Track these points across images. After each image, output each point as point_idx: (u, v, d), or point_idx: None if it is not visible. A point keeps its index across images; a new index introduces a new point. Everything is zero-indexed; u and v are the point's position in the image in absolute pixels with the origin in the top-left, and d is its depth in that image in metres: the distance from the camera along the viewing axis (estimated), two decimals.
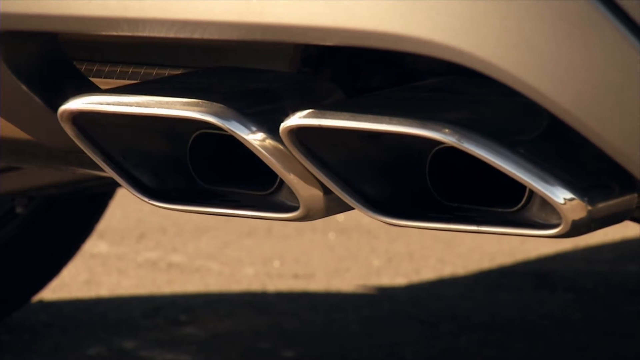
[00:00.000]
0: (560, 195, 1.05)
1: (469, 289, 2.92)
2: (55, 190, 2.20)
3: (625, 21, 0.99)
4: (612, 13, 0.99)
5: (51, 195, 2.33)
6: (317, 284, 2.95)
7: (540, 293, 2.89)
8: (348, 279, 2.99)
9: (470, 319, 2.66)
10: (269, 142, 1.13)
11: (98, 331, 2.56)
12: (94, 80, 1.30)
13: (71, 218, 2.57)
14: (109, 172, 1.22)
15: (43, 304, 2.72)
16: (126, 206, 3.52)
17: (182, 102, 1.15)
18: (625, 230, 3.26)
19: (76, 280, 2.92)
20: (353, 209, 1.15)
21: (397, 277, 3.02)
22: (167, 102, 1.15)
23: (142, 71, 1.35)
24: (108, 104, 1.18)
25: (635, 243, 3.37)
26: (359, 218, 3.45)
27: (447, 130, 1.05)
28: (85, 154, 1.21)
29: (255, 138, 1.13)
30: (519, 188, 1.10)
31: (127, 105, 1.17)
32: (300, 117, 1.10)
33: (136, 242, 3.32)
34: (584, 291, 2.90)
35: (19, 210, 2.49)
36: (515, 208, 1.12)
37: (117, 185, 1.26)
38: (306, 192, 1.15)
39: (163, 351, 2.44)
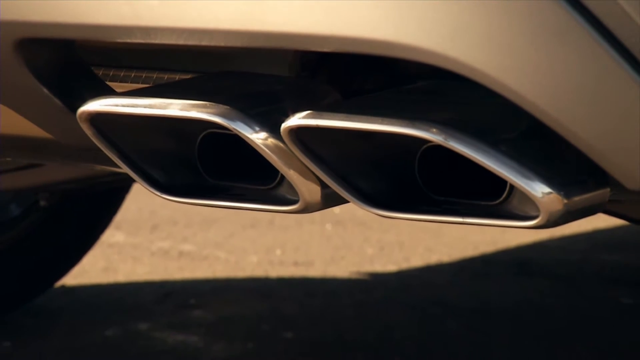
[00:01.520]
0: (538, 189, 1.04)
1: (455, 276, 2.92)
2: (75, 185, 2.20)
3: (600, 29, 0.98)
4: (587, 22, 0.98)
5: (71, 189, 2.33)
6: (315, 271, 2.95)
7: (520, 280, 2.89)
8: (343, 266, 2.99)
9: (455, 304, 2.67)
10: (271, 140, 1.12)
11: (114, 314, 2.56)
12: (110, 84, 1.29)
13: (90, 210, 2.57)
14: (124, 168, 1.21)
15: (64, 289, 2.72)
16: (140, 200, 3.52)
17: (191, 104, 1.14)
18: (597, 221, 3.26)
19: (95, 268, 2.92)
20: (348, 202, 1.15)
21: (389, 264, 3.02)
22: (177, 104, 1.15)
23: (155, 76, 1.34)
24: (123, 105, 1.17)
25: (607, 233, 3.37)
26: (353, 210, 3.44)
27: (434, 129, 1.05)
28: (102, 151, 1.21)
29: (258, 137, 1.12)
30: (500, 183, 1.10)
31: (140, 107, 1.17)
32: (299, 118, 1.10)
33: (150, 233, 3.32)
34: (560, 278, 2.90)
35: (42, 203, 2.49)
36: (497, 201, 1.12)
37: (132, 180, 1.25)
38: (305, 186, 1.15)
39: (174, 333, 2.44)
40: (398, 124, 1.06)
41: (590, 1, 0.98)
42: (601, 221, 3.25)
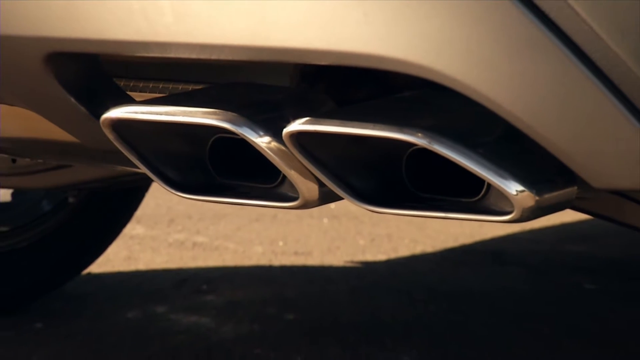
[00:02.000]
0: (513, 187, 1.04)
1: (437, 264, 2.92)
2: (99, 184, 2.20)
3: (568, 44, 0.97)
4: (557, 37, 0.97)
5: (96, 188, 2.32)
6: (314, 260, 2.94)
7: (495, 268, 2.89)
8: (338, 256, 2.99)
9: (438, 289, 2.67)
10: (274, 144, 1.11)
11: (135, 298, 2.56)
12: (130, 93, 1.28)
13: (113, 206, 2.56)
14: (142, 169, 1.21)
15: (90, 277, 2.72)
16: (158, 197, 3.54)
17: (203, 111, 1.14)
18: (564, 216, 3.26)
19: (118, 257, 2.92)
20: (343, 198, 1.14)
21: (379, 254, 3.02)
22: (190, 112, 1.14)
23: (170, 86, 1.34)
24: (142, 113, 1.16)
25: (573, 227, 3.38)
26: (347, 206, 3.45)
27: (420, 134, 1.04)
28: (123, 154, 1.20)
29: (262, 141, 1.11)
30: (479, 181, 1.09)
31: (157, 114, 1.16)
32: (299, 124, 1.09)
33: (167, 226, 3.32)
34: (530, 266, 2.90)
35: (70, 200, 2.49)
36: (476, 198, 1.11)
37: (150, 179, 1.24)
38: (304, 185, 1.14)
39: (188, 315, 2.44)
40: (387, 129, 1.05)
41: (560, 18, 0.97)
42: (568, 216, 3.25)
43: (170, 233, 3.22)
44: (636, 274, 2.83)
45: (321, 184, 1.14)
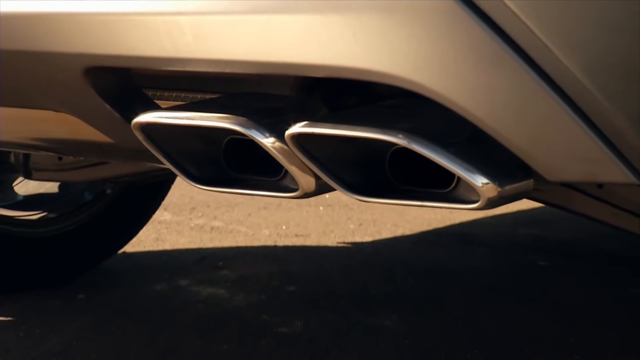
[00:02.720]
0: (479, 180, 1.03)
1: (414, 245, 2.92)
2: (132, 178, 2.19)
3: (526, 59, 0.96)
4: (515, 52, 0.96)
5: (129, 181, 2.32)
6: (311, 241, 2.94)
7: (463, 248, 2.89)
8: (332, 237, 2.99)
9: (415, 265, 2.67)
10: (277, 144, 1.10)
11: (162, 273, 2.56)
12: (156, 101, 1.27)
13: (144, 196, 2.56)
14: (167, 165, 1.20)
15: (125, 255, 2.73)
16: (182, 188, 3.54)
17: (218, 116, 1.13)
18: (521, 204, 3.26)
19: (148, 239, 2.92)
20: (335, 189, 1.13)
21: (365, 236, 3.02)
22: (207, 117, 1.13)
23: (190, 95, 1.33)
24: (167, 117, 1.15)
25: (528, 213, 3.38)
26: (339, 196, 3.44)
27: (400, 135, 1.03)
28: (151, 152, 1.19)
29: (267, 141, 1.10)
30: (450, 175, 1.08)
31: (180, 118, 1.15)
32: (299, 127, 1.08)
33: (189, 213, 3.32)
34: (492, 246, 2.90)
35: (108, 191, 2.49)
36: (447, 189, 1.10)
37: (174, 174, 1.23)
38: (303, 178, 1.13)
39: (206, 287, 2.44)
40: (373, 131, 1.04)
41: (518, 37, 0.96)
42: (524, 204, 3.25)
43: (192, 219, 3.22)
44: (581, 254, 2.83)
45: (317, 178, 1.13)
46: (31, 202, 2.45)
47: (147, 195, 2.54)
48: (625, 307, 2.30)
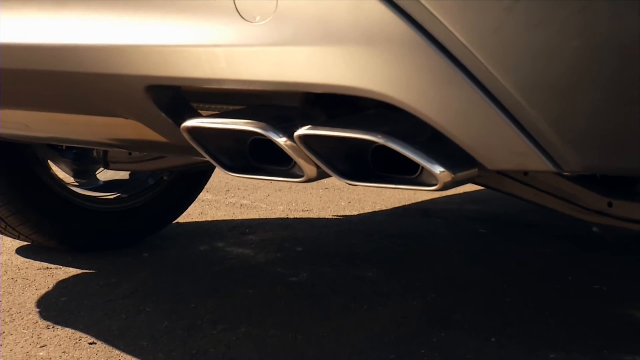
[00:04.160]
0: (437, 169, 1.01)
1: (388, 217, 2.91)
2: (183, 168, 2.18)
3: (470, 77, 0.94)
4: (464, 74, 0.94)
5: (181, 170, 2.31)
6: (313, 214, 2.94)
7: (423, 219, 2.88)
8: (329, 212, 2.98)
9: (389, 231, 2.66)
10: (289, 142, 1.09)
11: (205, 238, 2.55)
12: (199, 111, 1.26)
13: (192, 181, 2.55)
14: (207, 158, 1.18)
15: (177, 225, 2.71)
16: (219, 175, 3.52)
17: (244, 122, 1.11)
18: (465, 187, 3.25)
19: (194, 213, 2.91)
20: (331, 176, 1.11)
21: (353, 211, 3.01)
22: (237, 122, 1.11)
23: (224, 107, 1.31)
24: (207, 122, 1.13)
25: (471, 194, 3.37)
26: (334, 181, 3.43)
27: (379, 136, 1.01)
28: (195, 148, 1.17)
29: (281, 140, 1.09)
30: (416, 165, 1.06)
31: (216, 123, 1.13)
32: (305, 130, 1.06)
33: (224, 194, 3.31)
34: (445, 218, 2.89)
35: (165, 177, 2.48)
36: (414, 176, 1.08)
37: (212, 165, 1.21)
38: (307, 167, 1.11)
39: (237, 248, 2.43)
40: (360, 133, 1.02)
41: (466, 60, 0.93)
42: (468, 187, 3.24)
43: (226, 198, 3.21)
44: (510, 223, 2.82)
45: (318, 167, 1.11)
46: (109, 186, 2.46)
47: (194, 181, 2.53)
48: (540, 260, 2.31)
